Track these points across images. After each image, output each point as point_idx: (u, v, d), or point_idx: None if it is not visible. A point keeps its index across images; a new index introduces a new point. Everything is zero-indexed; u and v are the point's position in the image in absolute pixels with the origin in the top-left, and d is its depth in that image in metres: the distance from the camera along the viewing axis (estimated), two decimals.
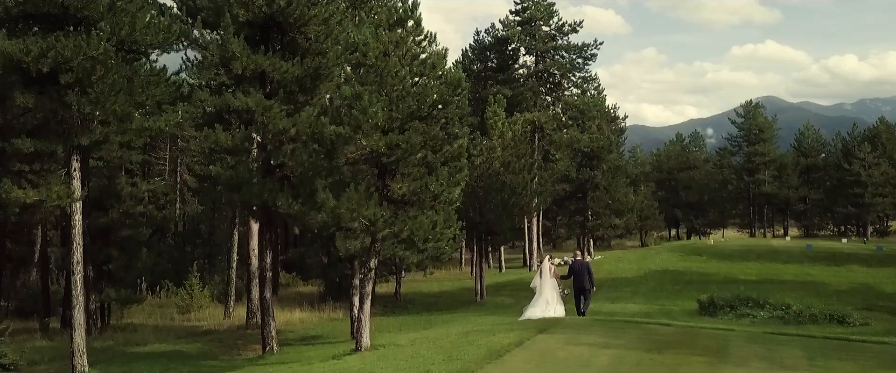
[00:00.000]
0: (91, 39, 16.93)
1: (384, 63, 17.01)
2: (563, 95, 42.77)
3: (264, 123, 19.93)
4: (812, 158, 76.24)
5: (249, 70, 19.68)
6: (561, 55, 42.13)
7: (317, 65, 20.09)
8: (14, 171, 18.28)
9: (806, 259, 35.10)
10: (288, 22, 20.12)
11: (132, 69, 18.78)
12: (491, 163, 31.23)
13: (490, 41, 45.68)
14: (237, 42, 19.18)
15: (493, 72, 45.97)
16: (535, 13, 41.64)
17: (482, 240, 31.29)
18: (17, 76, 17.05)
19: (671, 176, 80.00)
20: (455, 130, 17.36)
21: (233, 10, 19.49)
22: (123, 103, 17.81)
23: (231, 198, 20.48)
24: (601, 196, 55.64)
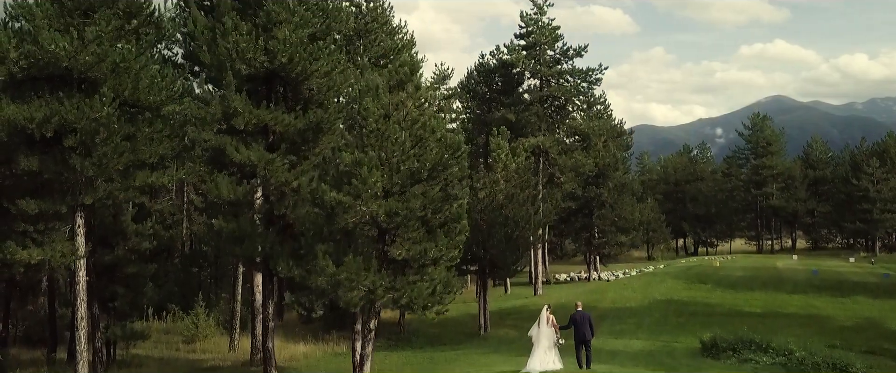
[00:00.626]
0: (94, 103, 17.10)
1: (385, 125, 17.10)
2: (569, 118, 42.68)
3: (267, 176, 20.07)
4: (820, 170, 75.88)
5: (252, 125, 19.81)
6: (566, 79, 42.09)
7: (318, 118, 20.20)
8: (18, 231, 18.43)
9: (811, 289, 34.95)
10: (290, 77, 20.22)
11: (135, 126, 18.96)
12: (494, 196, 31.25)
13: (495, 64, 45.69)
14: (239, 98, 19.31)
15: (498, 94, 45.97)
16: (539, 38, 41.62)
17: (485, 273, 31.32)
18: (21, 140, 17.23)
19: (678, 188, 79.82)
20: (455, 191, 17.42)
21: (235, 66, 19.61)
22: (127, 162, 17.97)
23: (233, 250, 20.60)
24: (607, 214, 55.63)
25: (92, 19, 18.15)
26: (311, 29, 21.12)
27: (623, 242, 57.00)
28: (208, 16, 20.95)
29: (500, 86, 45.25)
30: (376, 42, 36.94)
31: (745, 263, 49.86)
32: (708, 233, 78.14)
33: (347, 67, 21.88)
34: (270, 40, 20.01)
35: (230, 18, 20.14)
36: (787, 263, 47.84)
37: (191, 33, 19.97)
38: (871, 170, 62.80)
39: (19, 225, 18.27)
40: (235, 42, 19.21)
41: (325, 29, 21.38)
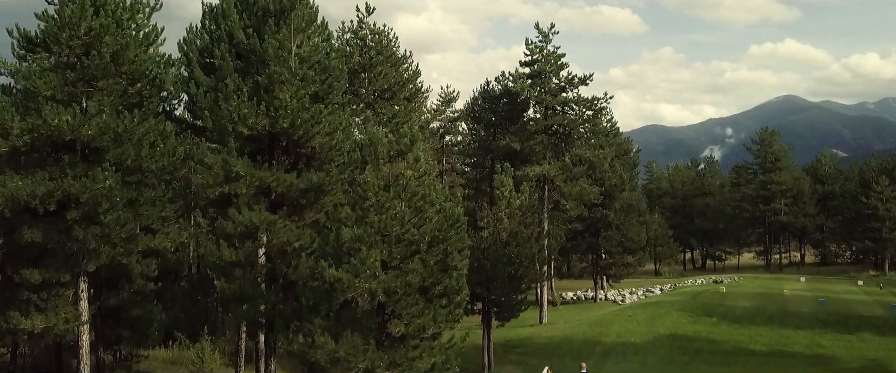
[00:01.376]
0: (97, 175, 17.24)
1: (385, 197, 17.17)
2: (574, 146, 42.57)
3: (269, 237, 20.17)
4: (829, 185, 75.41)
5: (253, 187, 19.90)
6: (571, 107, 42.00)
7: (320, 180, 20.28)
8: (22, 299, 18.62)
9: (818, 324, 34.75)
10: (291, 139, 20.31)
11: (137, 191, 19.10)
12: (498, 234, 31.24)
13: (500, 90, 45.64)
14: (241, 162, 19.41)
15: (504, 120, 45.94)
16: (544, 66, 41.54)
17: (490, 314, 31.32)
18: (24, 211, 17.40)
19: (686, 202, 79.54)
20: (454, 261, 17.45)
21: (237, 128, 19.71)
22: (129, 230, 18.11)
23: (236, 311, 20.72)
24: (613, 235, 55.55)
25: (95, 88, 18.30)
26: (313, 88, 21.22)
27: (629, 263, 56.92)
28: (210, 75, 21.05)
29: (506, 111, 45.23)
30: (381, 75, 37.01)
31: (751, 287, 49.59)
32: (716, 248, 77.84)
33: (350, 124, 21.90)
34: (273, 102, 20.11)
35: (232, 80, 20.26)
36: (794, 289, 47.55)
37: (193, 96, 20.07)
38: (880, 188, 62.33)
39: (23, 293, 18.45)
40: (237, 106, 19.31)
41: (328, 88, 21.45)
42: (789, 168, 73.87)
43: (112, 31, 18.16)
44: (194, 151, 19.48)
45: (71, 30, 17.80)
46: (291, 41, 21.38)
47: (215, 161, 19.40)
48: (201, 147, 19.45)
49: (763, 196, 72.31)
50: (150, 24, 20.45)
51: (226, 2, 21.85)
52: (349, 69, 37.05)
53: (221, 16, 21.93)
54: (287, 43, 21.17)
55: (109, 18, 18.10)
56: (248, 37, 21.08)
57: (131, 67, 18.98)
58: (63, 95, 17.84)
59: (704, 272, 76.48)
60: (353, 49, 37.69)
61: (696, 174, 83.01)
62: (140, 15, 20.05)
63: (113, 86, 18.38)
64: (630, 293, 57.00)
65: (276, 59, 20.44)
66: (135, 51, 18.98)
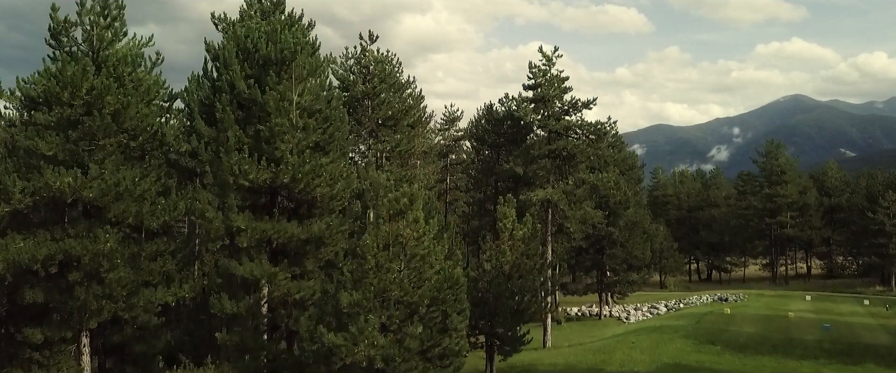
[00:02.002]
0: (98, 236, 17.34)
1: (384, 257, 17.21)
2: (577, 169, 42.51)
3: (270, 289, 20.25)
4: (835, 197, 75.06)
5: (254, 240, 19.99)
6: (575, 132, 41.95)
7: (320, 233, 20.34)
8: (24, 357, 18.77)
9: (822, 353, 34.59)
10: (292, 193, 20.38)
11: (139, 246, 19.20)
12: (501, 267, 31.22)
13: (504, 112, 45.61)
14: (242, 217, 19.49)
15: (507, 142, 45.92)
16: (547, 91, 41.48)
17: (492, 347, 31.33)
18: (26, 274, 17.52)
19: (691, 214, 79.33)
20: (454, 323, 17.48)
21: (238, 181, 19.80)
22: (131, 287, 18.22)
23: (237, 362, 20.81)
24: (618, 252, 55.50)
25: (97, 146, 18.40)
26: (314, 138, 21.29)
27: (634, 280, 56.85)
28: (212, 126, 21.14)
29: (509, 134, 45.22)
30: (384, 103, 37.06)
31: (756, 308, 49.42)
32: (721, 260, 77.63)
33: (351, 172, 21.94)
34: (273, 153, 20.20)
35: (233, 132, 20.35)
36: (799, 310, 47.36)
37: (194, 150, 20.16)
38: (886, 203, 61.99)
39: (25, 351, 18.59)
40: (238, 161, 19.38)
41: (328, 138, 21.50)
42: (795, 181, 73.47)
43: (113, 90, 18.25)
44: (195, 206, 19.55)
45: (72, 89, 17.90)
46: (293, 91, 21.45)
47: (216, 216, 19.49)
48: (202, 201, 19.52)
49: (769, 209, 72.01)
50: (151, 77, 20.54)
51: (227, 51, 21.94)
52: (352, 97, 37.25)
53: (223, 65, 22.02)
54: (288, 93, 21.25)
55: (111, 79, 18.19)
56: (249, 87, 21.17)
57: (132, 123, 19.08)
58: (65, 155, 17.95)
59: (710, 285, 76.31)
60: (357, 77, 37.78)
61: (701, 185, 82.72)
62: (141, 69, 20.13)
63: (114, 144, 18.48)
64: (635, 309, 56.90)
65: (277, 112, 20.53)
66: (136, 107, 19.08)
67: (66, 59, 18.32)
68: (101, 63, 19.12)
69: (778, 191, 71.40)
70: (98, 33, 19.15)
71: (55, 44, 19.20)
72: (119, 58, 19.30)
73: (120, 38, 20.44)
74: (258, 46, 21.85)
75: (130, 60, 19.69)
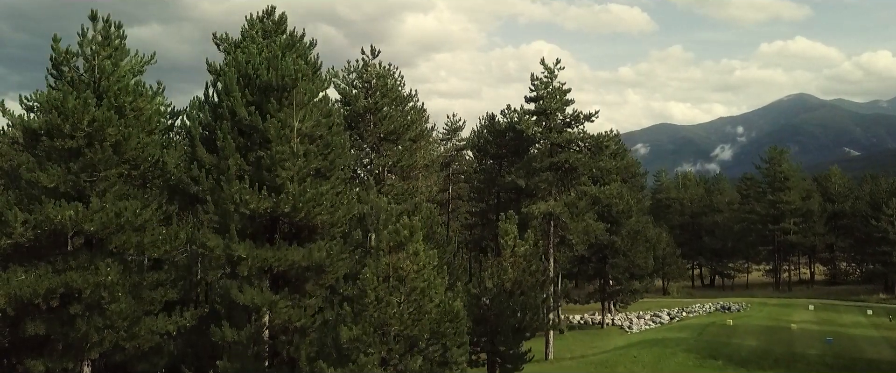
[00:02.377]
0: (100, 269, 17.41)
1: (384, 290, 17.24)
2: (579, 181, 42.52)
3: (271, 317, 20.30)
4: (839, 204, 74.88)
5: (256, 268, 20.03)
6: (577, 144, 41.96)
7: (320, 260, 20.37)
8: None
9: (824, 369, 34.58)
10: (293, 221, 20.42)
11: (140, 275, 19.26)
12: (503, 284, 31.25)
13: (506, 124, 45.61)
14: (243, 246, 19.53)
15: (509, 153, 45.93)
16: (549, 103, 41.50)
17: (494, 365, 31.35)
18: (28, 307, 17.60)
19: (694, 220, 79.21)
20: (454, 357, 17.51)
21: (239, 209, 19.84)
22: (133, 317, 18.29)
23: None
24: (620, 262, 55.47)
25: (98, 178, 18.47)
26: (315, 164, 21.33)
27: (637, 289, 56.83)
28: (213, 153, 21.19)
29: (511, 146, 45.22)
30: (386, 117, 37.08)
31: (759, 318, 49.37)
32: (725, 266, 77.53)
33: (352, 198, 21.97)
34: (274, 180, 20.25)
35: (234, 160, 20.40)
36: (801, 321, 47.30)
37: (195, 178, 20.22)
38: (890, 211, 61.82)
39: None
40: (239, 191, 19.43)
41: (329, 164, 21.54)
42: (798, 186, 73.28)
43: (115, 121, 18.31)
44: (196, 235, 19.60)
45: (74, 121, 17.97)
46: (294, 118, 21.49)
47: (217, 245, 19.54)
48: (203, 231, 19.58)
49: (772, 215, 71.86)
50: (152, 106, 20.60)
51: (228, 77, 21.99)
52: (354, 112, 37.29)
53: (224, 91, 22.06)
54: (289, 120, 21.29)
55: (112, 111, 18.25)
56: (250, 114, 21.22)
57: (134, 154, 19.15)
58: (66, 187, 18.02)
59: (713, 291, 76.24)
60: (359, 91, 37.81)
61: (704, 191, 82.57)
62: (142, 98, 20.19)
63: (115, 175, 18.55)
64: (637, 317, 56.92)
65: (278, 139, 20.57)
66: (137, 138, 19.14)
67: (67, 89, 18.38)
68: (102, 93, 19.18)
69: (781, 197, 71.26)
70: (99, 63, 19.20)
71: (57, 74, 19.27)
72: (120, 87, 19.35)
73: (121, 66, 20.49)
74: (259, 72, 21.90)
75: (132, 90, 19.74)
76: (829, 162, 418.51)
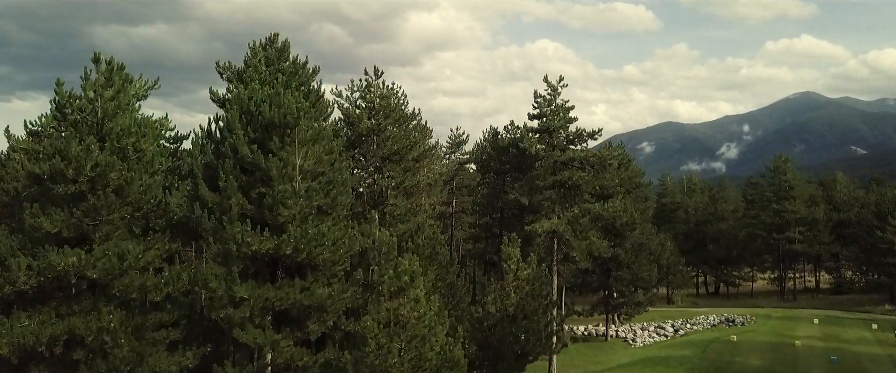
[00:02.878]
0: (102, 315, 17.52)
1: (384, 336, 17.30)
2: (582, 199, 42.47)
3: (274, 357, 20.40)
4: (845, 212, 74.60)
5: (257, 308, 20.14)
6: (579, 163, 41.89)
7: (321, 301, 20.46)
8: None
9: None
10: (296, 262, 20.51)
11: (143, 317, 19.38)
12: (505, 309, 31.26)
13: (509, 140, 45.62)
14: (244, 288, 19.64)
15: (512, 169, 45.96)
16: (552, 121, 41.45)
17: None
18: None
19: (699, 228, 79.03)
20: None
21: (241, 250, 19.94)
22: (135, 361, 18.39)
23: None
24: (624, 275, 55.44)
25: (101, 221, 18.57)
26: (317, 202, 21.41)
27: (640, 301, 56.80)
28: (215, 191, 21.27)
29: (514, 162, 45.24)
30: (389, 138, 37.13)
31: (763, 333, 49.28)
32: (729, 274, 77.37)
33: (354, 235, 22.02)
34: (276, 219, 20.35)
35: (236, 200, 20.49)
36: (806, 337, 47.21)
37: (198, 218, 20.30)
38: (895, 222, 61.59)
39: None
40: (241, 232, 19.52)
41: (331, 201, 21.61)
42: (803, 195, 73.01)
43: (117, 166, 18.42)
44: (198, 276, 19.71)
45: (77, 166, 18.07)
46: (296, 156, 21.58)
47: (219, 286, 19.64)
48: (205, 272, 19.67)
49: (777, 224, 71.65)
50: (154, 147, 20.68)
51: (231, 115, 22.08)
52: (357, 133, 37.36)
53: (227, 128, 22.15)
54: (291, 158, 21.38)
55: (114, 156, 18.36)
56: (252, 152, 21.31)
57: (136, 197, 19.25)
58: (69, 232, 18.13)
59: (717, 299, 76.12)
60: (362, 111, 37.85)
61: (709, 199, 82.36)
62: (145, 139, 20.28)
63: (118, 219, 18.66)
64: (641, 329, 56.93)
65: (280, 179, 20.66)
66: (140, 180, 19.24)
67: (71, 134, 18.49)
68: (105, 135, 19.28)
69: (786, 206, 71.02)
70: (102, 106, 19.30)
71: (60, 116, 19.38)
72: (123, 128, 19.45)
73: (124, 95, 20.58)
74: (261, 109, 21.98)
75: (134, 131, 19.83)
76: (836, 161, 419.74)
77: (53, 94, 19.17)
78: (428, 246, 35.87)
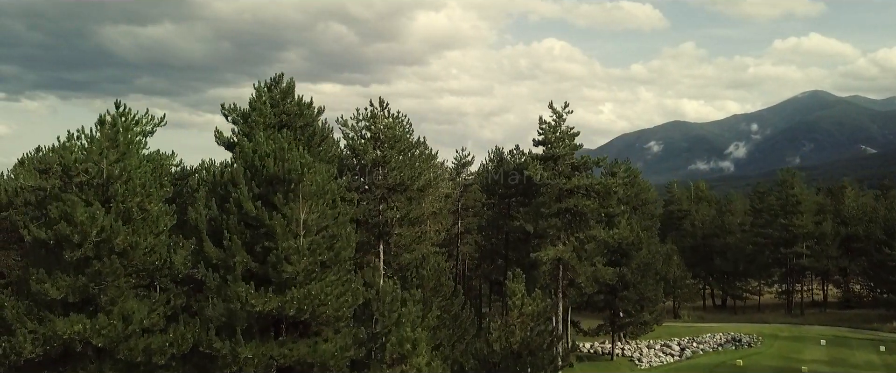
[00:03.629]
0: None
1: None
2: (587, 226, 42.52)
3: None
4: (852, 226, 74.21)
5: (262, 367, 20.26)
6: (585, 191, 41.91)
7: (326, 355, 20.56)
8: None
9: None
10: (300, 320, 20.62)
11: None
12: (510, 347, 31.29)
13: (514, 164, 45.65)
14: (249, 348, 19.76)
15: (517, 193, 45.98)
16: (556, 148, 41.48)
17: None
18: None
19: (705, 242, 78.78)
20: None
21: (245, 309, 20.06)
22: None
23: None
24: (630, 295, 55.34)
25: (107, 285, 18.71)
26: (321, 257, 21.50)
27: (647, 321, 56.69)
28: (219, 247, 21.39)
29: (519, 187, 45.25)
30: (395, 169, 37.22)
31: (769, 357, 49.14)
32: (736, 288, 77.15)
33: (358, 288, 22.11)
34: (280, 275, 20.47)
35: (240, 258, 20.60)
36: (813, 361, 47.06)
37: (203, 278, 20.43)
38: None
39: None
40: (246, 292, 19.64)
41: (335, 256, 21.70)
42: (811, 210, 72.64)
43: (122, 231, 18.56)
44: (203, 337, 19.84)
45: (83, 232, 18.21)
46: (300, 211, 21.68)
47: (223, 347, 19.76)
48: (210, 335, 19.81)
49: (784, 239, 71.39)
50: (159, 206, 20.82)
51: (235, 170, 22.19)
52: (362, 164, 37.47)
53: (231, 183, 22.26)
54: (295, 214, 21.48)
55: (119, 221, 18.49)
56: (257, 209, 21.41)
57: (142, 259, 19.40)
58: (75, 297, 18.28)
59: (725, 314, 75.89)
60: (367, 142, 37.92)
61: (716, 212, 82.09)
62: (150, 198, 20.41)
63: (123, 283, 18.80)
64: (647, 347, 56.92)
65: (283, 236, 20.75)
66: (146, 243, 19.39)
67: (76, 200, 18.63)
68: (110, 197, 19.43)
69: (793, 221, 70.72)
70: (107, 168, 19.44)
71: (67, 180, 19.53)
72: (128, 189, 19.58)
73: (131, 174, 20.71)
74: (266, 164, 22.09)
75: (140, 191, 19.96)
76: (846, 160, 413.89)
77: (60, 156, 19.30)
78: (433, 278, 35.98)
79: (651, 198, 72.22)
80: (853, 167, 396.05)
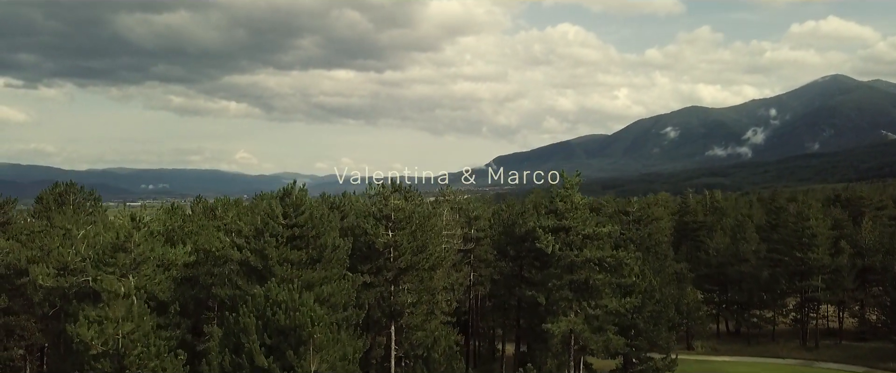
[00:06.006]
0: None
1: None
2: (599, 296, 42.62)
3: None
4: (869, 258, 73.62)
5: None
6: (596, 263, 41.97)
7: None
8: None
9: None
10: None
11: None
12: None
13: (525, 229, 45.73)
14: None
15: (528, 254, 46.17)
16: (569, 220, 41.53)
17: None
18: None
19: (719, 270, 78.51)
20: None
21: None
22: None
23: None
24: (641, 344, 55.47)
25: None
26: None
27: (659, 368, 56.84)
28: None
29: (531, 251, 45.41)
30: (406, 251, 37.58)
31: None
32: (750, 318, 76.98)
33: None
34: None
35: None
36: None
37: None
38: None
39: None
40: None
41: None
42: (826, 244, 72.04)
43: None
44: None
45: None
46: (310, 362, 22.09)
47: None
48: None
49: (800, 272, 71.04)
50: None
51: (246, 320, 22.62)
52: (374, 248, 37.83)
53: (242, 332, 22.71)
54: (306, 366, 21.90)
55: None
56: (269, 364, 21.87)
57: None
58: None
59: (738, 344, 75.78)
60: (378, 221, 38.26)
61: (730, 240, 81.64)
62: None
63: None
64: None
65: None
66: None
67: None
68: None
69: (809, 255, 70.26)
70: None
71: None
72: None
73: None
74: (277, 316, 22.49)
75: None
76: (866, 146, 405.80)
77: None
78: (444, 362, 36.52)
79: (664, 226, 71.86)
80: (874, 154, 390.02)
